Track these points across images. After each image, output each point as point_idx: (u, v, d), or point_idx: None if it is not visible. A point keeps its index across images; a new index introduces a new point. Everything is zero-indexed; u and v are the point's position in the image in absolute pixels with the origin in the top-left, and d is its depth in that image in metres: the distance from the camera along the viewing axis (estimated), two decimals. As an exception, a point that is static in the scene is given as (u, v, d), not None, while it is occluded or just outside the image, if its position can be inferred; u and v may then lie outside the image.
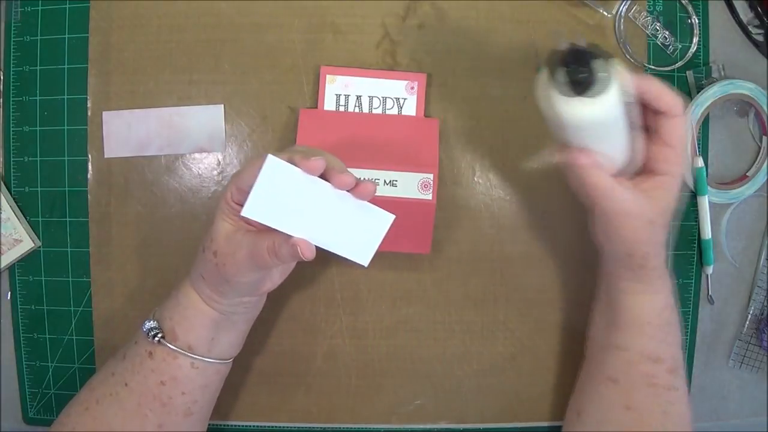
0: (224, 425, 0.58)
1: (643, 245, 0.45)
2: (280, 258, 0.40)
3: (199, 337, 0.45)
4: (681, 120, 0.43)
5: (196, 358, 0.46)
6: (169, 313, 0.46)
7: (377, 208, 0.42)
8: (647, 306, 0.47)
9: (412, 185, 0.53)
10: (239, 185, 0.41)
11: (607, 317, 0.50)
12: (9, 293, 0.58)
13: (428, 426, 0.59)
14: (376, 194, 0.53)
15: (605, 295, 0.51)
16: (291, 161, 0.39)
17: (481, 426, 0.59)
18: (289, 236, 0.39)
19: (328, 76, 0.55)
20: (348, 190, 0.41)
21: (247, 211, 0.38)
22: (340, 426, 0.59)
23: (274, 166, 0.38)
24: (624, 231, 0.44)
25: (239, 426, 0.59)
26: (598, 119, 0.38)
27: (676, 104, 0.43)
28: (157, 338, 0.45)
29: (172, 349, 0.45)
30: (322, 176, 0.40)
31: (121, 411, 0.45)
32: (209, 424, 0.58)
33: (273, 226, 0.39)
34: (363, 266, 0.43)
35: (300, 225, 0.39)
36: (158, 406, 0.45)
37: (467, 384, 0.59)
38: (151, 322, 0.46)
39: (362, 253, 0.43)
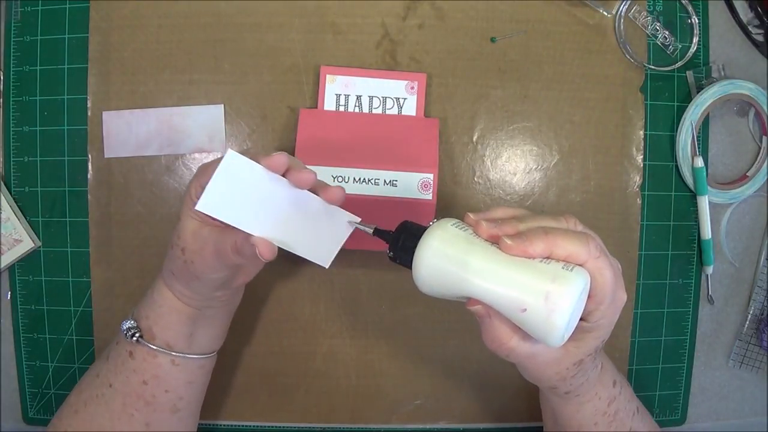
0: (225, 425, 0.58)
1: (568, 382, 0.40)
2: (244, 256, 0.39)
3: (176, 334, 0.45)
4: (595, 264, 0.35)
5: (176, 355, 0.45)
6: (145, 311, 0.46)
7: (343, 210, 0.42)
8: (589, 411, 0.44)
9: (412, 185, 0.53)
10: (202, 182, 0.39)
11: (553, 417, 0.47)
12: (9, 293, 0.58)
13: (428, 426, 0.59)
14: (376, 194, 0.53)
15: (544, 396, 0.48)
16: (253, 159, 0.38)
17: (481, 426, 0.59)
18: (249, 235, 0.38)
19: (328, 76, 0.55)
20: (317, 193, 0.40)
21: (201, 206, 0.37)
22: (340, 426, 0.59)
23: (233, 161, 0.37)
24: (543, 375, 0.40)
25: (239, 426, 0.59)
26: (433, 275, 0.36)
27: (576, 250, 0.34)
28: (135, 338, 0.45)
29: (150, 348, 0.45)
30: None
31: (107, 412, 0.45)
32: (210, 424, 0.58)
33: (228, 223, 0.38)
34: (324, 267, 0.42)
35: (259, 224, 0.39)
36: (143, 405, 0.45)
37: (467, 384, 0.59)
38: (129, 321, 0.45)
39: (324, 255, 0.42)
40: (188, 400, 0.48)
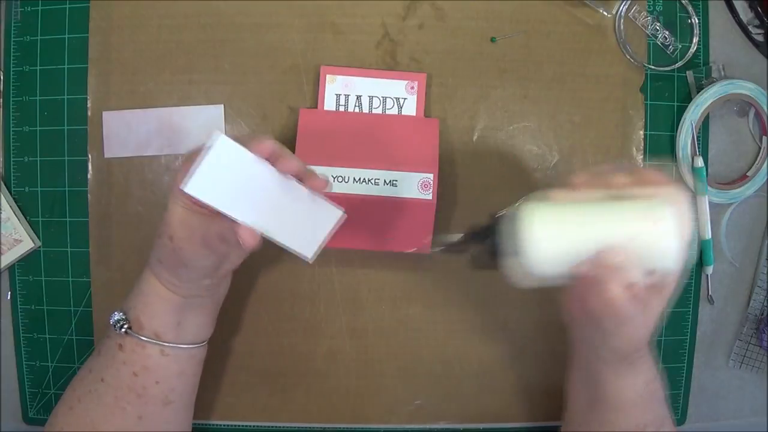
0: (225, 425, 0.58)
1: (639, 349, 0.43)
2: (229, 244, 0.40)
3: (164, 323, 0.45)
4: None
5: (165, 345, 0.45)
6: (133, 302, 0.46)
7: (327, 202, 0.42)
8: (632, 387, 0.45)
9: (412, 185, 0.53)
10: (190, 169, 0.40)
11: (588, 395, 0.48)
12: (9, 293, 0.58)
13: (428, 426, 0.59)
14: (376, 194, 0.53)
15: (585, 373, 0.48)
16: (243, 143, 0.39)
17: (481, 426, 0.59)
18: (235, 224, 0.39)
19: (328, 76, 0.55)
20: (301, 181, 0.41)
21: (189, 188, 0.37)
22: (340, 426, 0.59)
23: (223, 145, 0.37)
24: (625, 342, 0.41)
25: (239, 426, 0.59)
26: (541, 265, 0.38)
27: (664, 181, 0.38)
28: (123, 329, 0.45)
29: (139, 338, 0.45)
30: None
31: (100, 407, 0.45)
32: (211, 424, 0.58)
33: (215, 207, 0.38)
34: (307, 260, 0.42)
35: (245, 210, 0.39)
36: (134, 398, 0.45)
37: (467, 384, 0.59)
38: (118, 313, 0.46)
39: (307, 247, 0.42)
40: (180, 392, 0.48)
